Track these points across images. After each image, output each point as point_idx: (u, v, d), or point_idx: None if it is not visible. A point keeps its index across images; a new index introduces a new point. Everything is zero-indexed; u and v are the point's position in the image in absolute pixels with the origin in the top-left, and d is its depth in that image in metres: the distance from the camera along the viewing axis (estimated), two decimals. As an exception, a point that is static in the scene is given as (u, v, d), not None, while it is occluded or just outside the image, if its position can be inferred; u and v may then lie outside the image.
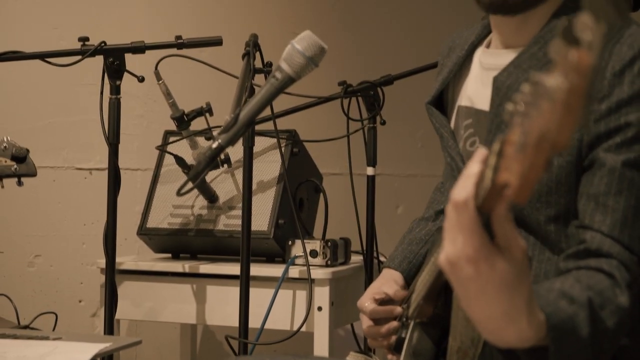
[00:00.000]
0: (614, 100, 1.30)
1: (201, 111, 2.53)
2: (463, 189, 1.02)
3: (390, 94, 2.73)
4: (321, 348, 2.41)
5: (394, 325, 1.64)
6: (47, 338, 1.72)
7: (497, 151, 0.95)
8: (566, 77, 0.83)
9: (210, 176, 2.63)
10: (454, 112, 1.61)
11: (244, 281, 2.31)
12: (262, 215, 2.55)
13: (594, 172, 1.32)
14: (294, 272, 2.43)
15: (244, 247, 2.31)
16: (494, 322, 1.07)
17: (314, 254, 2.46)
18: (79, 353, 1.58)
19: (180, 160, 2.52)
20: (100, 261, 2.49)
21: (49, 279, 3.23)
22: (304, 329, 2.40)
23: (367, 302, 1.69)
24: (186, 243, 2.65)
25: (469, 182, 1.01)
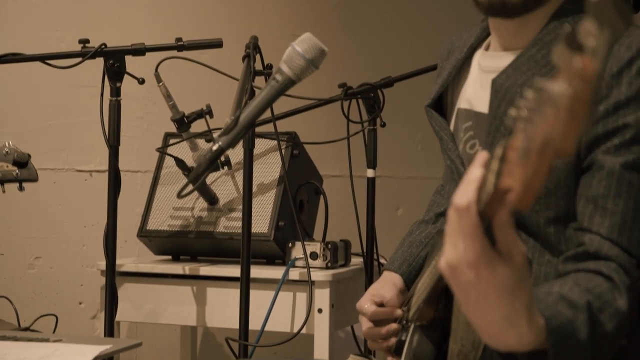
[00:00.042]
0: (612, 101, 1.30)
1: (201, 113, 2.53)
2: (465, 193, 1.02)
3: (390, 96, 2.73)
4: (321, 350, 2.41)
5: (393, 327, 1.64)
6: (48, 340, 1.72)
7: (499, 156, 0.94)
8: (570, 83, 0.83)
9: (210, 178, 2.63)
10: (453, 114, 1.60)
11: (244, 283, 2.31)
12: (262, 218, 2.55)
13: (592, 175, 1.31)
14: (294, 274, 2.43)
15: (244, 249, 2.31)
16: (494, 327, 1.07)
17: (314, 256, 2.46)
18: (79, 355, 1.58)
19: (181, 162, 2.52)
20: (101, 263, 2.50)
21: (49, 280, 3.23)
22: (304, 331, 2.40)
23: (366, 304, 1.68)
24: (186, 245, 2.65)
25: (471, 187, 1.01)
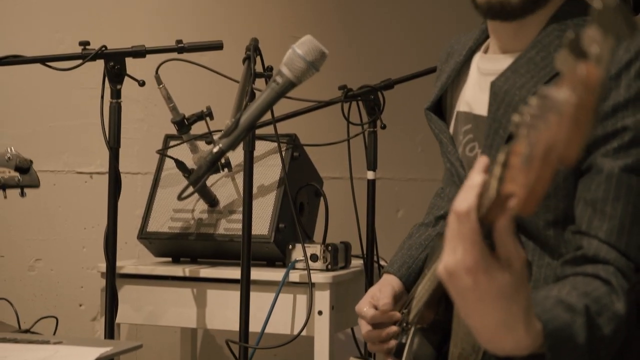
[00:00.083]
0: (611, 103, 1.29)
1: (202, 115, 2.53)
2: (465, 199, 1.02)
3: (390, 98, 2.73)
4: (321, 352, 2.41)
5: (393, 329, 1.64)
6: (48, 342, 1.72)
7: (502, 162, 0.94)
8: (574, 91, 0.82)
9: (210, 180, 2.63)
10: (452, 117, 1.60)
11: (244, 285, 2.31)
12: (262, 219, 2.55)
13: (591, 177, 1.31)
14: (295, 276, 2.43)
15: (245, 251, 2.31)
16: (491, 331, 1.07)
17: (314, 258, 2.46)
18: (79, 357, 1.58)
19: (181, 164, 2.52)
20: (101, 265, 2.49)
21: (49, 282, 3.23)
22: (304, 333, 2.40)
23: (365, 307, 1.68)
24: (186, 247, 2.65)
25: (472, 193, 1.01)
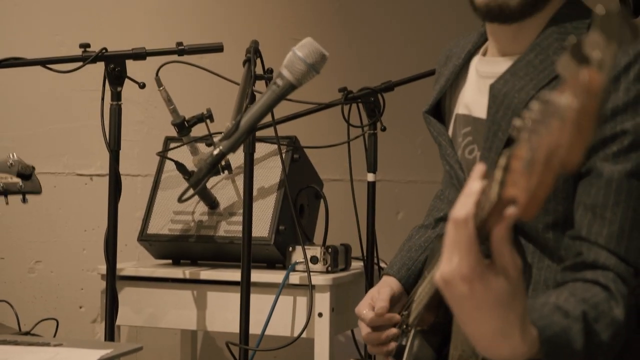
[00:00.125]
0: (610, 107, 1.29)
1: (202, 117, 2.53)
2: (463, 206, 1.02)
3: (390, 100, 2.73)
4: (322, 354, 2.41)
5: (393, 332, 1.64)
6: (48, 344, 1.72)
7: (503, 165, 0.94)
8: (576, 96, 0.82)
9: (210, 182, 2.63)
10: (451, 120, 1.60)
11: (244, 287, 2.31)
12: (262, 222, 2.55)
13: (591, 182, 1.31)
14: (295, 278, 2.43)
15: (245, 253, 2.31)
16: (487, 339, 1.07)
17: (314, 260, 2.46)
18: (80, 359, 1.58)
19: (181, 166, 2.52)
20: (101, 267, 2.49)
21: (49, 284, 3.23)
22: (304, 335, 2.40)
23: (365, 309, 1.69)
24: (187, 249, 2.65)
25: (470, 200, 1.02)
